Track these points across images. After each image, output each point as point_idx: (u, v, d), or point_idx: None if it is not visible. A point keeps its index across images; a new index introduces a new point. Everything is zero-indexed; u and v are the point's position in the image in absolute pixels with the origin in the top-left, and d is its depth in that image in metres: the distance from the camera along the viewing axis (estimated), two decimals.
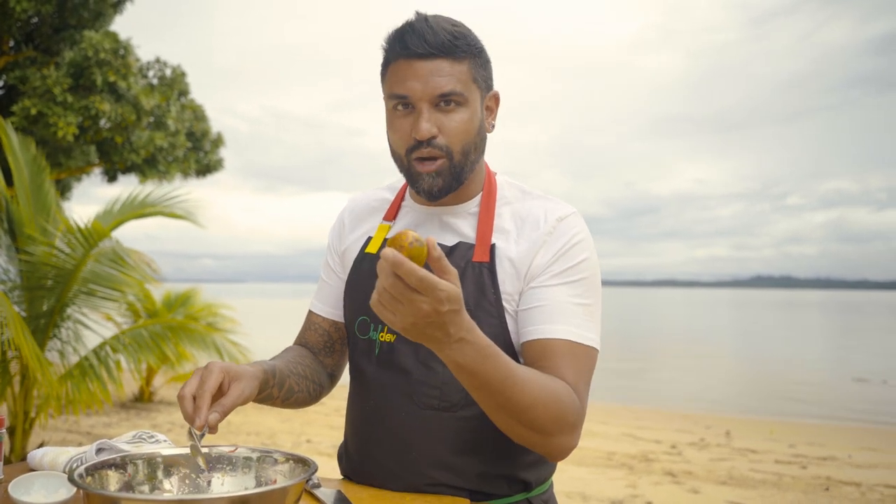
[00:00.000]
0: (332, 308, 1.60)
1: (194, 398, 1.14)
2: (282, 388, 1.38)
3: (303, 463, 1.15)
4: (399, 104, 1.34)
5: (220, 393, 1.18)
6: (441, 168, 1.34)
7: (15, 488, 1.23)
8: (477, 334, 1.10)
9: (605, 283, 1.46)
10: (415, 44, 1.29)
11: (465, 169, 1.37)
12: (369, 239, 1.51)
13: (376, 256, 1.45)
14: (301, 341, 1.62)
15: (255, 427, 7.97)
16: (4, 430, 1.46)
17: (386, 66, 1.36)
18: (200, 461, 1.15)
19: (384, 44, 1.36)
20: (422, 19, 1.32)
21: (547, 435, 1.24)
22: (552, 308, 1.32)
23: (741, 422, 9.82)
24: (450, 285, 1.00)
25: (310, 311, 1.63)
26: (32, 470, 1.42)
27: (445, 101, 1.31)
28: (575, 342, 1.31)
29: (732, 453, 7.35)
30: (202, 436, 1.12)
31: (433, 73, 1.30)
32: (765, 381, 15.43)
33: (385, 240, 1.48)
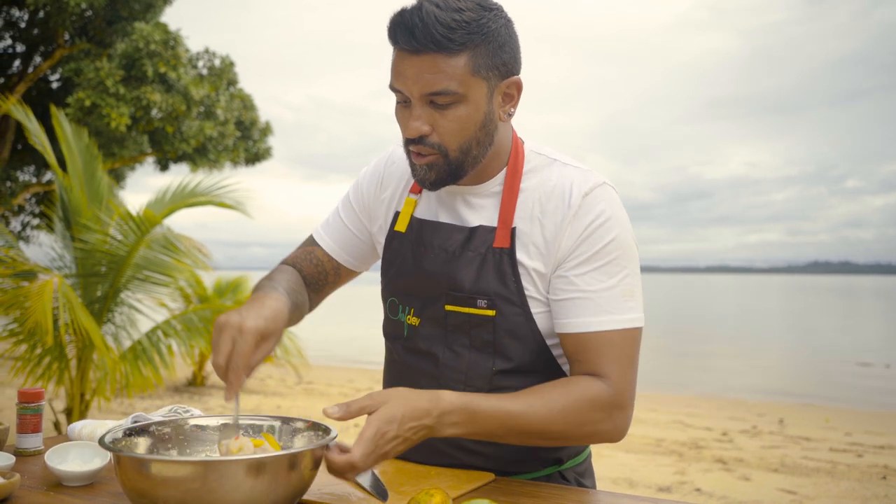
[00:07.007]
0: (340, 249, 1.55)
1: (227, 367, 1.13)
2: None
3: (324, 431, 1.16)
4: (397, 95, 1.29)
5: None
6: (433, 163, 1.29)
7: (51, 457, 1.27)
8: (448, 414, 1.17)
9: (656, 269, 1.38)
10: (404, 39, 1.21)
11: (465, 164, 1.30)
12: (397, 214, 1.46)
13: (405, 236, 1.43)
14: (296, 266, 1.56)
15: (302, 412, 8.07)
16: (44, 403, 1.50)
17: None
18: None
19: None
20: (416, 9, 1.21)
21: (582, 437, 1.27)
22: (584, 299, 1.29)
23: (795, 409, 9.61)
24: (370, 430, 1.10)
25: (315, 243, 1.57)
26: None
27: (439, 99, 1.24)
28: (612, 331, 1.28)
29: (785, 441, 7.19)
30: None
31: (423, 69, 1.22)
32: (821, 368, 15.04)
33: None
